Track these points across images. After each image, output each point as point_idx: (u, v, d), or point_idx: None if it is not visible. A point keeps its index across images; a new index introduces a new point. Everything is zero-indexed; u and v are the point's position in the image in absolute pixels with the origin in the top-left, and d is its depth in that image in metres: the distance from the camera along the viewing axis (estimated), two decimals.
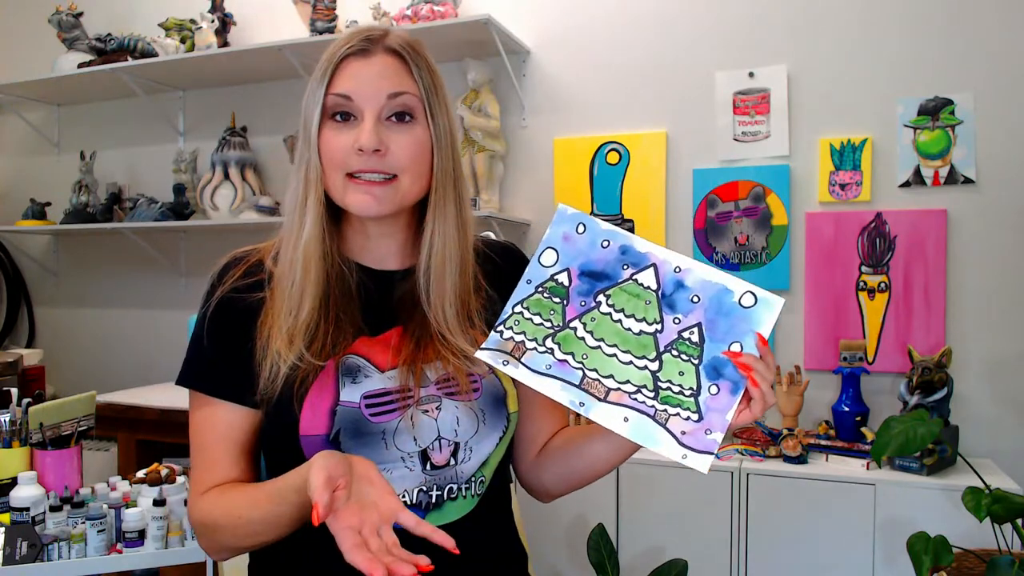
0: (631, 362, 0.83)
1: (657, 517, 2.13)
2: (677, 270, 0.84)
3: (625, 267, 0.85)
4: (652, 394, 0.81)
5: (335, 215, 0.94)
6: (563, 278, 0.86)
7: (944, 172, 2.20)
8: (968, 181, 2.18)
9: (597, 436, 0.93)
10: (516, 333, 0.85)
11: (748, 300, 0.82)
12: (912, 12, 2.23)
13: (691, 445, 0.79)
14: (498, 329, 0.86)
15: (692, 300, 0.83)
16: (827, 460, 2.09)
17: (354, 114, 0.90)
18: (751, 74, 2.38)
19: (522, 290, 0.87)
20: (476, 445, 0.91)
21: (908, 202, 2.24)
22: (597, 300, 0.85)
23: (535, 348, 0.84)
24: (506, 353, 0.84)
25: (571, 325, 0.84)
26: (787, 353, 2.35)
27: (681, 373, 0.81)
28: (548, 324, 0.85)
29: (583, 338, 0.84)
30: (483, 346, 0.86)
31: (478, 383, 0.92)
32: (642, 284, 0.84)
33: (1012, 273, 2.15)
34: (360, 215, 0.91)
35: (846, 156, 2.28)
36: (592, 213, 2.51)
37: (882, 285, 2.25)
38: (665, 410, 0.80)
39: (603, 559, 1.76)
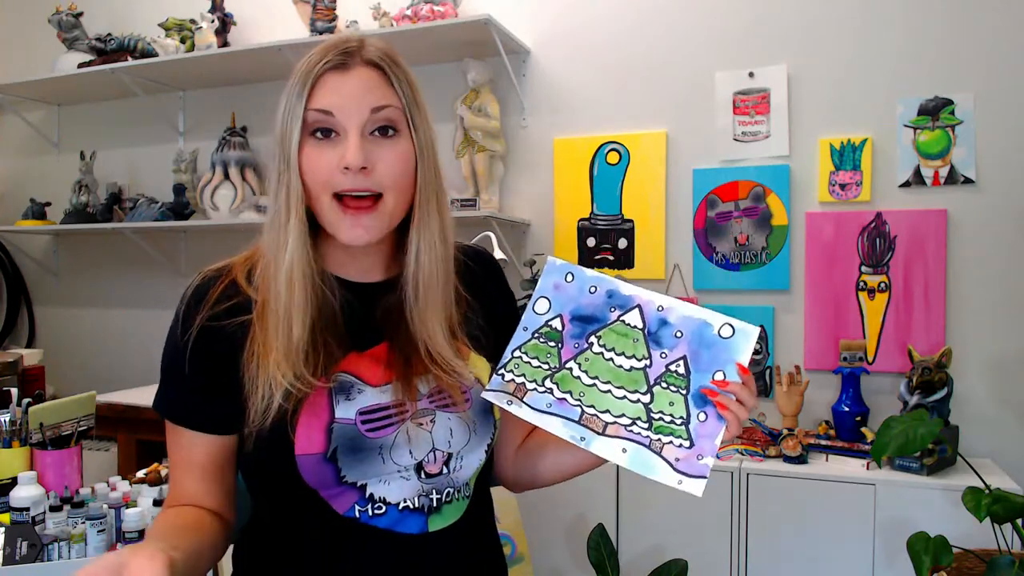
0: (624, 396, 0.89)
1: (657, 517, 2.13)
2: (660, 309, 0.92)
3: (612, 309, 0.93)
4: (646, 425, 0.88)
5: (314, 227, 0.91)
6: (556, 323, 0.93)
7: (944, 172, 2.20)
8: (968, 181, 2.18)
9: (566, 448, 0.95)
10: (516, 375, 0.92)
11: (727, 331, 0.89)
12: (912, 12, 2.23)
13: (685, 471, 0.86)
14: (499, 372, 0.93)
15: (676, 335, 0.90)
16: (827, 460, 2.09)
17: (336, 130, 0.87)
18: (751, 74, 2.38)
19: (519, 337, 0.94)
20: (468, 454, 0.92)
21: (908, 202, 2.24)
22: (589, 341, 0.92)
23: (535, 388, 0.91)
24: (509, 394, 0.91)
25: (567, 366, 0.92)
26: (787, 353, 2.35)
27: (671, 403, 0.88)
28: (546, 366, 0.92)
29: (579, 377, 0.91)
30: (487, 387, 0.92)
31: (468, 393, 0.93)
32: (629, 324, 0.92)
33: (1012, 273, 2.15)
34: (353, 245, 0.89)
35: (846, 156, 2.28)
36: (592, 213, 2.52)
37: (882, 285, 2.25)
38: (659, 439, 0.87)
39: (603, 559, 1.76)
